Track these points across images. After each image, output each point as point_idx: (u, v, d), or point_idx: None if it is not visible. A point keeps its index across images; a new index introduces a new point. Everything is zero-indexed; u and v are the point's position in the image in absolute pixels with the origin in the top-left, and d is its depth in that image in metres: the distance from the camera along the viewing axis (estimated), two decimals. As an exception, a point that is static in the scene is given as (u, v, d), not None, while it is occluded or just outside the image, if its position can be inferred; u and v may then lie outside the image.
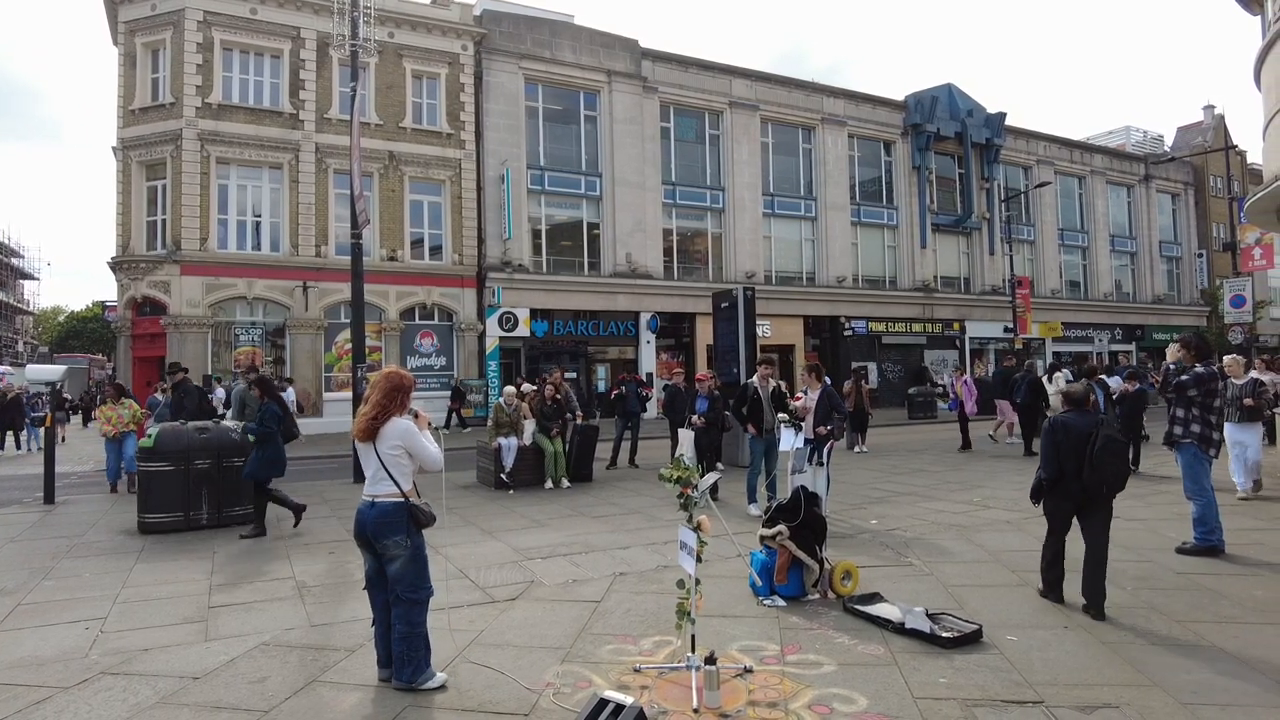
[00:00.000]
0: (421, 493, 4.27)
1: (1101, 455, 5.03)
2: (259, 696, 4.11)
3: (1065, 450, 5.21)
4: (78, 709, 4.00)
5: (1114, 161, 39.30)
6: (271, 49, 22.24)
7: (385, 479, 4.06)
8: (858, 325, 30.11)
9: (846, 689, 4.09)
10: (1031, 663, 4.38)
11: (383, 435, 4.08)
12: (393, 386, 4.17)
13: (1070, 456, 5.18)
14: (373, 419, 4.09)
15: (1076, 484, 5.18)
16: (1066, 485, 5.26)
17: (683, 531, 4.21)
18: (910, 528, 8.14)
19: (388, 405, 4.11)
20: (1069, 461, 5.19)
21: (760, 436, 8.81)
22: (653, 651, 4.68)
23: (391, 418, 4.11)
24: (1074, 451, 5.16)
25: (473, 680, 4.25)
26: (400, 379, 4.23)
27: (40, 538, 8.38)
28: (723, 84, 28.17)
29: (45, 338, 69.96)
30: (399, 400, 4.16)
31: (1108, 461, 5.05)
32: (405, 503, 4.06)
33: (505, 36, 24.73)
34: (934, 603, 5.38)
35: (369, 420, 4.09)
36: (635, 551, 7.21)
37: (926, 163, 32.16)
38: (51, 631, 5.23)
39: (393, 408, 4.13)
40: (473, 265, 23.96)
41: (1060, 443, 5.24)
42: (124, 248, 21.43)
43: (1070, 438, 5.20)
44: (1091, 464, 5.06)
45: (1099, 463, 5.04)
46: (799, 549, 5.52)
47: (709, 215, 28.30)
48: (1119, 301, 38.41)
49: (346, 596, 5.88)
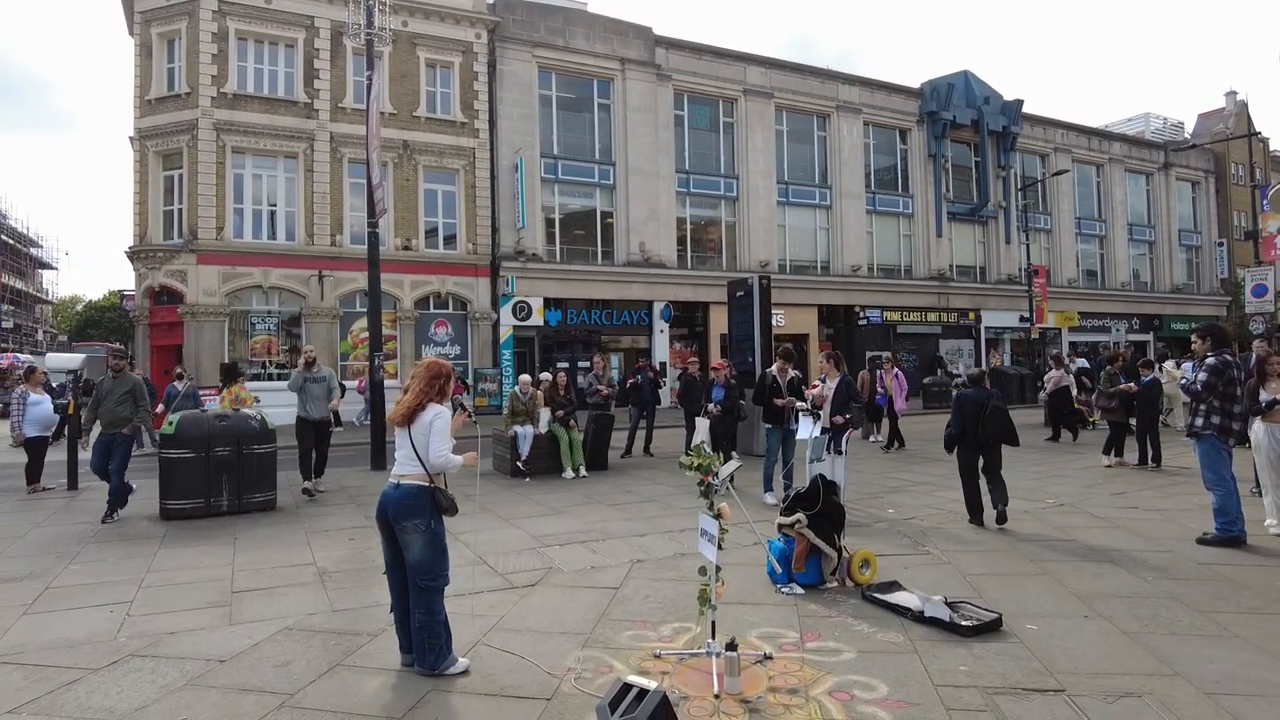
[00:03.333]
0: (449, 483, 4.30)
1: (990, 417, 7.38)
2: (284, 680, 4.16)
3: (967, 415, 7.51)
4: (108, 690, 4.07)
5: (1133, 149, 38.84)
6: (286, 38, 22.28)
7: (414, 461, 4.10)
8: (872, 314, 29.97)
9: (866, 676, 4.10)
10: (1052, 651, 4.37)
11: (418, 421, 4.13)
12: (433, 375, 4.24)
13: (970, 419, 7.47)
14: (413, 408, 4.15)
15: (974, 438, 7.47)
16: (968, 438, 7.52)
17: (703, 519, 4.22)
18: (927, 517, 8.13)
19: (428, 393, 4.18)
20: (970, 422, 7.47)
21: (777, 426, 8.81)
22: (672, 638, 4.70)
23: (430, 404, 4.16)
24: (973, 415, 7.46)
25: (494, 665, 4.29)
26: (440, 367, 4.30)
27: (64, 523, 8.50)
28: (737, 71, 28.01)
29: (64, 326, 70.68)
30: (438, 387, 4.23)
31: (994, 421, 7.40)
32: (429, 486, 4.09)
33: (518, 24, 24.66)
34: (952, 591, 5.37)
35: (408, 409, 4.15)
36: (652, 539, 7.23)
37: (942, 150, 31.88)
38: (79, 615, 5.30)
39: (433, 395, 4.19)
40: (487, 254, 23.99)
41: (964, 410, 7.56)
42: (141, 237, 21.58)
43: (969, 406, 7.54)
44: (982, 423, 7.37)
45: (989, 422, 7.37)
46: (817, 537, 5.52)
47: (723, 204, 28.20)
48: (1137, 291, 38.03)
49: (368, 582, 5.93)
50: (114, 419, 8.70)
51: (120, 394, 8.70)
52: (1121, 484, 9.93)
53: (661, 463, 12.57)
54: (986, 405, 7.42)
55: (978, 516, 7.60)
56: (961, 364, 31.01)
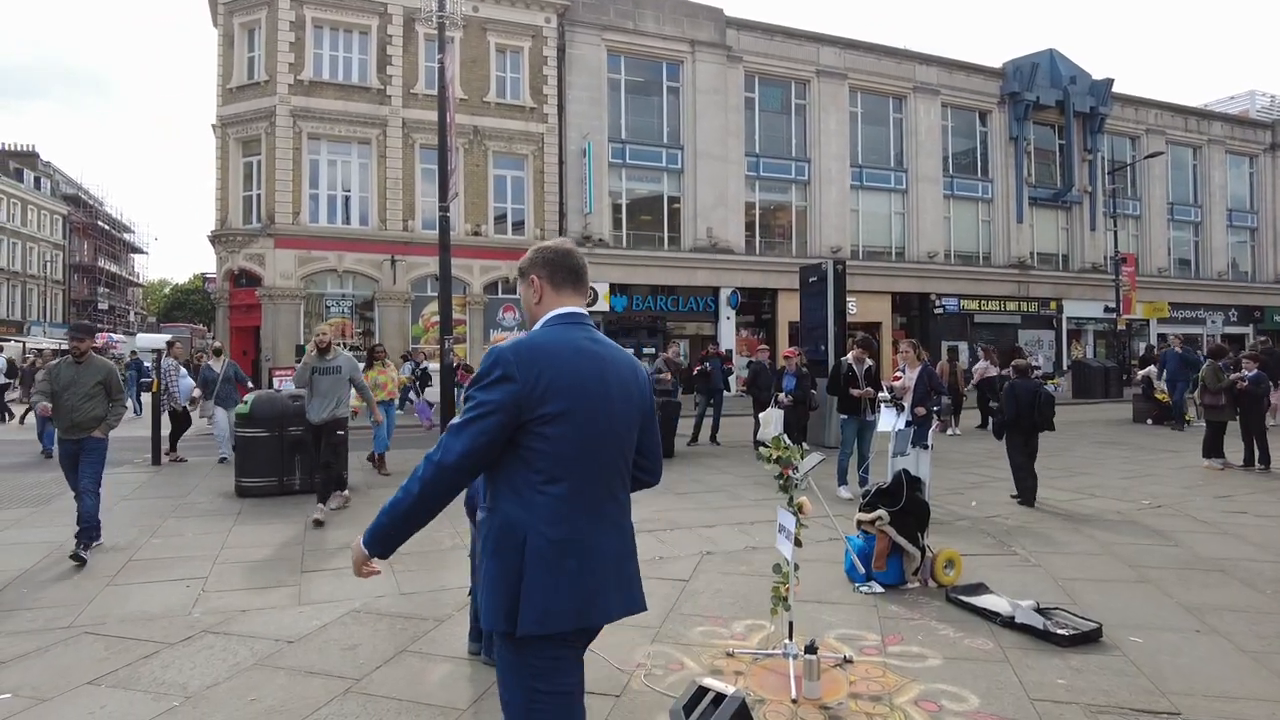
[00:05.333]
0: None
1: (1042, 406, 8.06)
2: (351, 664, 4.12)
3: (1021, 403, 8.12)
4: (182, 665, 4.10)
5: (1235, 129, 36.49)
6: (360, 25, 22.62)
7: None
8: (949, 303, 28.98)
9: (955, 685, 3.83)
10: (1161, 668, 4.01)
11: None
12: None
13: (1025, 406, 8.09)
14: None
15: (1028, 423, 8.10)
16: (1021, 424, 8.12)
17: (781, 514, 4.01)
18: (1010, 514, 7.72)
19: None
20: (1023, 409, 8.09)
21: (853, 417, 8.48)
22: (745, 635, 4.50)
23: None
24: (1027, 403, 8.09)
25: (562, 657, 4.16)
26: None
27: (147, 497, 8.78)
28: (810, 52, 27.29)
29: (152, 308, 74.13)
30: None
31: (1044, 409, 8.07)
32: None
33: (588, 8, 24.49)
34: (1043, 596, 5.02)
35: None
36: (721, 530, 7.04)
37: (1024, 133, 30.52)
38: (158, 588, 5.41)
39: None
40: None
41: (1018, 398, 8.17)
42: (222, 222, 22.29)
43: (1023, 394, 8.15)
44: (1037, 410, 8.05)
45: (1041, 410, 8.05)
46: (900, 535, 5.24)
47: (793, 188, 27.59)
48: (1235, 281, 35.82)
49: (435, 566, 5.90)
50: (81, 419, 6.33)
51: (88, 386, 6.39)
52: (1225, 486, 9.26)
53: (728, 451, 12.33)
54: (1040, 394, 8.12)
55: (1029, 498, 8.10)
56: (1040, 355, 29.77)
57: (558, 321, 2.22)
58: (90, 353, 6.53)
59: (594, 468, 2.10)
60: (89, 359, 6.49)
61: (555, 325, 2.21)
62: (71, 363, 6.45)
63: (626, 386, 2.19)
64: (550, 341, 2.13)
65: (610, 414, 2.13)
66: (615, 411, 2.14)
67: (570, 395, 2.05)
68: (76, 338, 6.59)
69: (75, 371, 6.40)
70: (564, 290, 2.29)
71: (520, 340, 2.13)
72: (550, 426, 2.02)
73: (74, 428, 6.34)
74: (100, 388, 6.44)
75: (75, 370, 6.41)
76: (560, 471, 2.04)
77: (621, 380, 2.19)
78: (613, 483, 2.16)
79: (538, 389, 2.01)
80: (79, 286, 55.83)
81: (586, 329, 2.23)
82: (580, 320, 2.24)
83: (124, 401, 6.68)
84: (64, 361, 6.53)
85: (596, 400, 2.10)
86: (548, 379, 2.02)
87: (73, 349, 6.47)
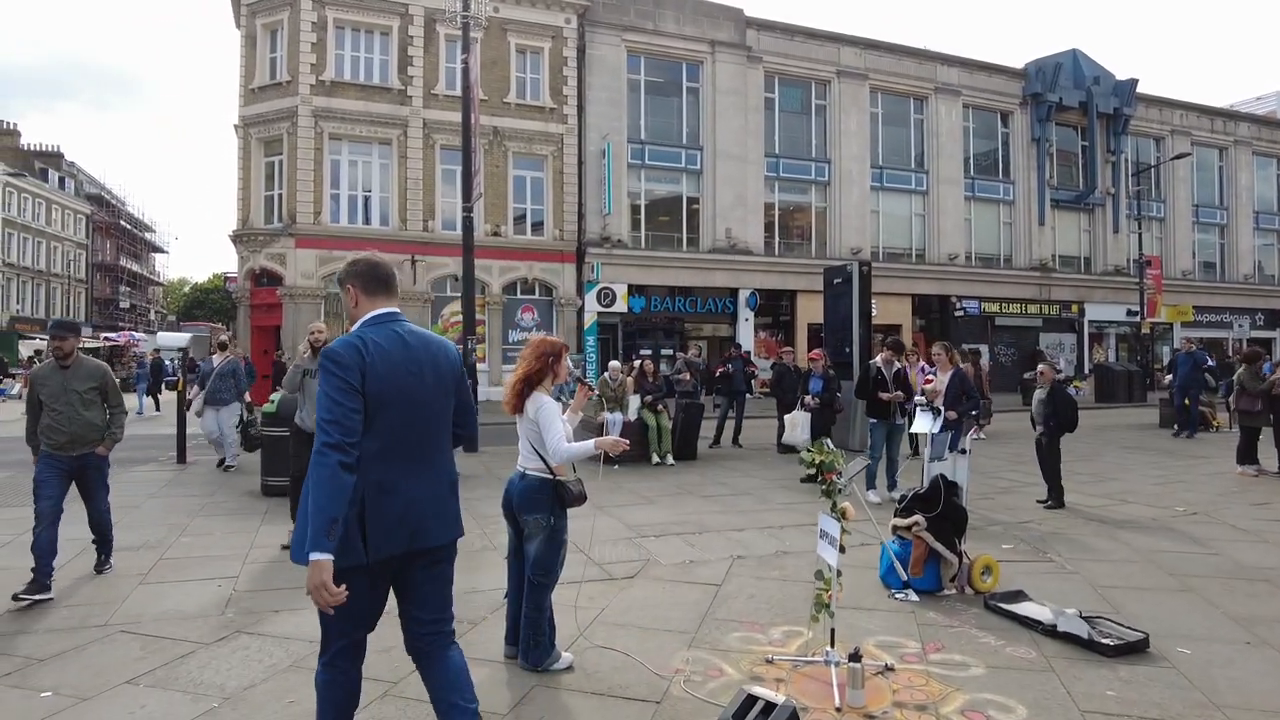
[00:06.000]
0: (578, 466, 4.13)
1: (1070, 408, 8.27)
2: (386, 666, 4.08)
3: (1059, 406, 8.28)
4: (219, 666, 4.08)
5: (1263, 130, 35.98)
6: (381, 26, 22.72)
7: (533, 454, 3.94)
8: (969, 305, 28.76)
9: (1001, 695, 3.75)
10: (1214, 681, 3.91)
11: (527, 410, 3.96)
12: (541, 351, 4.01)
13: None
14: (518, 394, 3.98)
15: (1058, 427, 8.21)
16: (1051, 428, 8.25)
17: (824, 519, 3.94)
18: (1044, 520, 7.60)
19: (531, 375, 3.98)
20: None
21: (883, 421, 8.39)
22: (783, 642, 4.44)
23: (537, 390, 3.98)
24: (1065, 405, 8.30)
25: (599, 662, 4.12)
26: (550, 344, 4.08)
27: (175, 495, 8.82)
28: (830, 52, 27.16)
29: (172, 307, 74.82)
30: (548, 365, 4.00)
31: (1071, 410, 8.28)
32: (552, 480, 3.92)
33: (608, 8, 24.48)
34: (1083, 604, 4.91)
35: (515, 392, 3.99)
36: (750, 535, 6.97)
37: (1047, 134, 30.25)
38: (191, 587, 5.40)
39: (543, 374, 3.99)
40: (573, 240, 24.01)
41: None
42: (244, 221, 22.45)
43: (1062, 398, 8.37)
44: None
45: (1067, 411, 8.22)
46: (937, 541, 5.15)
47: (813, 189, 27.46)
48: (1262, 284, 35.32)
49: (465, 567, 5.84)
50: (82, 431, 5.43)
51: (83, 391, 5.46)
52: (1261, 493, 9.09)
53: (751, 454, 12.25)
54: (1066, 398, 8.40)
55: (1059, 499, 8.12)
56: (1063, 359, 29.48)
57: (374, 321, 2.72)
58: (77, 353, 5.56)
59: (407, 430, 2.64)
60: (76, 360, 5.51)
61: (371, 325, 2.70)
62: (56, 367, 5.43)
63: (436, 365, 2.75)
64: (373, 338, 2.63)
65: (420, 388, 2.67)
66: (425, 385, 2.69)
67: (385, 376, 2.58)
68: (59, 336, 5.51)
69: (63, 377, 5.41)
70: (376, 295, 2.78)
71: (345, 338, 2.64)
72: (372, 401, 2.54)
73: (74, 441, 5.38)
74: (96, 392, 5.52)
75: (63, 376, 5.41)
76: (380, 433, 2.57)
77: (432, 361, 2.74)
78: (425, 441, 2.72)
79: (368, 375, 2.55)
80: (101, 285, 56.46)
81: (399, 323, 2.74)
82: (393, 318, 2.74)
83: (124, 408, 5.79)
84: (48, 366, 5.51)
85: (406, 378, 2.64)
86: (368, 364, 2.55)
87: (55, 350, 5.45)
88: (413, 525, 2.64)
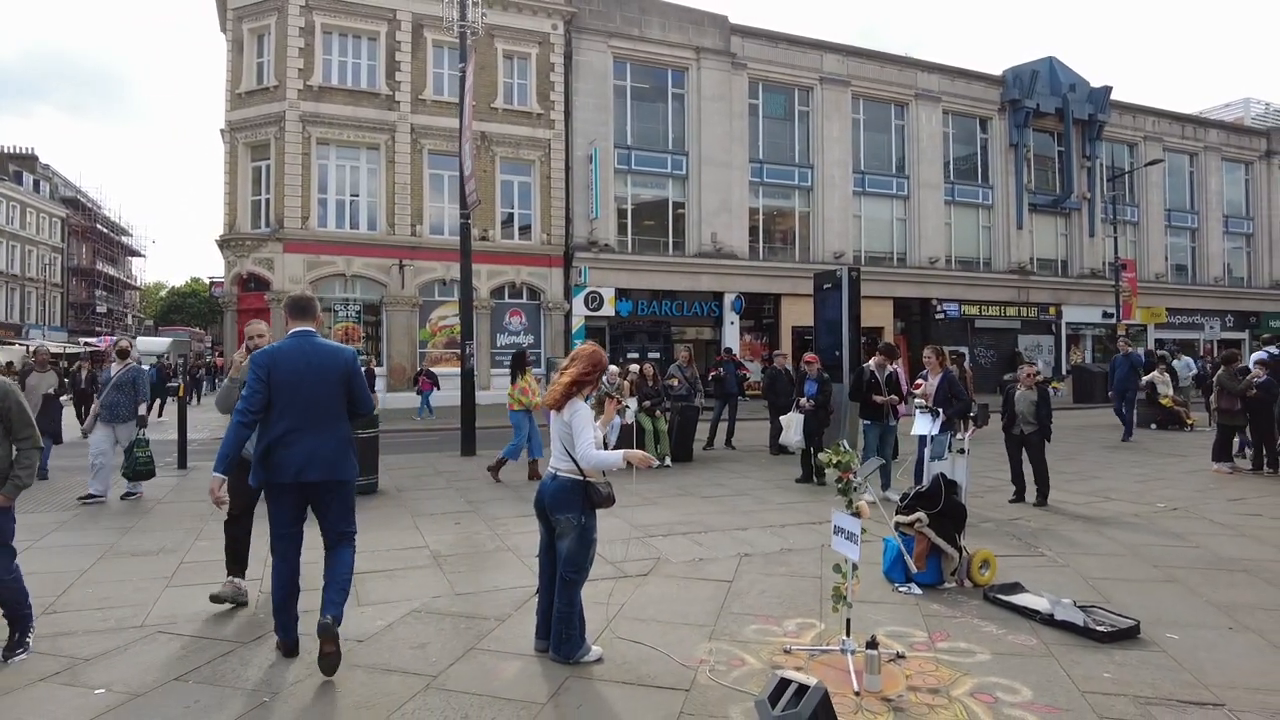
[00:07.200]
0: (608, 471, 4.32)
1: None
2: (424, 662, 4.28)
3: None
4: (260, 663, 4.24)
5: (1231, 136, 36.97)
6: (369, 31, 22.78)
7: (566, 456, 4.15)
8: (950, 308, 29.27)
9: (1006, 678, 4.02)
10: (1201, 663, 4.20)
11: (564, 411, 4.18)
12: (595, 363, 4.29)
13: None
14: (566, 394, 4.19)
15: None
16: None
17: (839, 516, 4.17)
18: (1033, 518, 7.91)
19: (581, 378, 4.21)
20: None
21: (875, 423, 8.68)
22: (798, 633, 4.68)
23: (578, 395, 4.20)
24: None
25: (627, 654, 4.33)
26: (602, 358, 4.36)
27: (183, 500, 8.91)
28: (813, 59, 27.58)
29: (149, 311, 73.97)
30: (597, 376, 4.28)
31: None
32: (582, 481, 4.13)
33: (595, 15, 24.72)
34: (1076, 595, 5.20)
35: (563, 392, 4.19)
36: (754, 533, 7.21)
37: (1024, 140, 30.90)
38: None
39: (591, 381, 4.23)
40: (560, 245, 24.20)
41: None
42: (231, 226, 22.41)
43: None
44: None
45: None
46: (938, 536, 5.42)
47: (796, 194, 27.85)
48: (1231, 286, 36.25)
49: (483, 566, 6.06)
50: None
51: None
52: (1237, 489, 9.49)
53: (745, 455, 12.52)
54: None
55: (1021, 494, 8.61)
56: (1041, 360, 30.05)
57: (291, 335, 4.23)
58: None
59: (298, 406, 4.08)
60: None
61: (289, 337, 4.22)
62: None
63: (324, 367, 4.16)
64: (282, 347, 4.17)
65: (309, 382, 4.11)
66: (313, 380, 4.12)
67: (286, 371, 4.08)
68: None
69: None
70: (296, 319, 4.30)
71: (266, 348, 4.21)
72: (274, 387, 4.06)
73: None
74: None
75: None
76: (280, 407, 4.07)
77: (321, 363, 4.16)
78: (312, 414, 4.11)
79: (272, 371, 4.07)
80: (77, 289, 55.79)
81: (308, 339, 4.23)
82: (304, 334, 4.24)
83: (37, 441, 4.28)
84: None
85: (300, 374, 4.10)
86: (274, 364, 4.09)
87: None
88: (298, 465, 4.04)
